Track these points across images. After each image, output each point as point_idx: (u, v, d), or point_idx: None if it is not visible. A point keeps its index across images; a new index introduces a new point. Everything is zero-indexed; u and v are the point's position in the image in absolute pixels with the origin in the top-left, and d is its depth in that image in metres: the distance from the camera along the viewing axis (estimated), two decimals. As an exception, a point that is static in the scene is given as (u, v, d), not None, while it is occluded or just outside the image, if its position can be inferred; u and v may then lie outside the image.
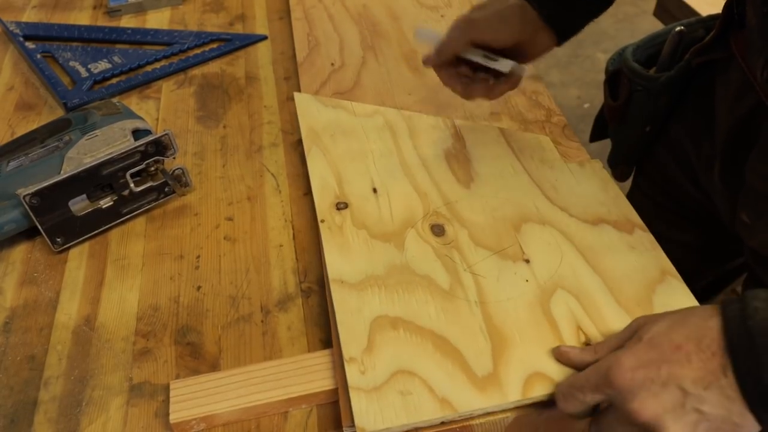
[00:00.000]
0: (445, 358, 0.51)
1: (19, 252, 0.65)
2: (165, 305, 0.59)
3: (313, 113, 0.75)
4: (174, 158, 0.67)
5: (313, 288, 0.60)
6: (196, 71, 0.85)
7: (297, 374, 0.52)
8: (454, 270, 0.57)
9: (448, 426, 0.49)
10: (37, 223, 0.61)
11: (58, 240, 0.63)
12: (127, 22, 0.95)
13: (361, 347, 0.52)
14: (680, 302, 0.54)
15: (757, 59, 0.58)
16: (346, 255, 0.59)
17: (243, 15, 0.95)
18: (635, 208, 0.63)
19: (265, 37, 0.90)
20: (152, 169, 0.66)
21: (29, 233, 0.65)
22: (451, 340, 0.52)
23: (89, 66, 0.85)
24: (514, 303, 0.55)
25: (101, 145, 0.66)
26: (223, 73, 0.85)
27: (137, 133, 0.68)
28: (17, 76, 0.86)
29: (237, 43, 0.89)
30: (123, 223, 0.67)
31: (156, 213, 0.68)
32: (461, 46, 0.64)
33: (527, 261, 0.58)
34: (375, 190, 0.65)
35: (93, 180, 0.63)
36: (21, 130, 0.76)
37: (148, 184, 0.66)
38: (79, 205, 0.63)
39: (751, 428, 0.42)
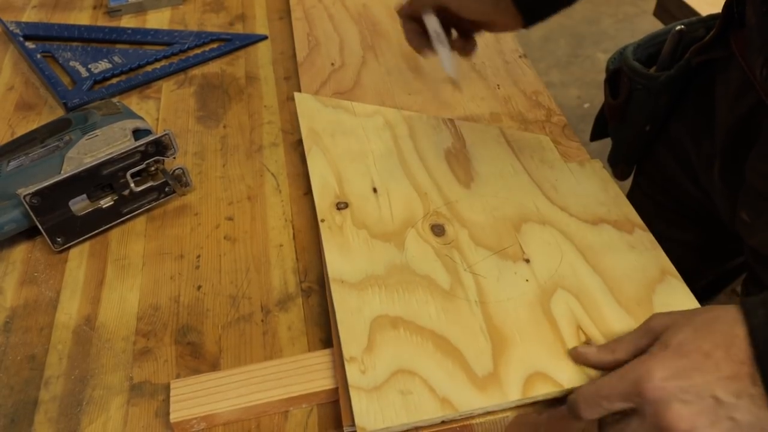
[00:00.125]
0: (445, 357, 0.51)
1: (20, 252, 0.65)
2: (165, 305, 0.59)
3: (313, 113, 0.75)
4: (174, 158, 0.67)
5: (314, 288, 0.60)
6: (197, 71, 0.85)
7: (297, 374, 0.52)
8: (455, 270, 0.57)
9: (448, 425, 0.49)
10: (37, 223, 0.61)
11: (59, 240, 0.63)
12: (127, 22, 0.95)
13: (362, 347, 0.52)
14: (680, 302, 0.54)
15: (756, 58, 0.58)
16: (346, 255, 0.59)
17: (243, 15, 0.95)
18: (635, 207, 0.63)
19: (265, 37, 0.90)
20: (152, 168, 0.66)
21: (29, 233, 0.65)
22: (452, 339, 0.52)
23: (89, 66, 0.85)
24: (515, 303, 0.55)
25: (101, 145, 0.66)
26: (223, 73, 0.85)
27: (137, 133, 0.68)
28: (17, 76, 0.86)
29: (237, 43, 0.89)
30: (123, 222, 0.67)
31: (156, 213, 0.68)
32: (426, 6, 0.67)
33: (527, 261, 0.58)
34: (375, 190, 0.65)
35: (93, 180, 0.63)
36: (21, 130, 0.76)
37: (149, 184, 0.66)
38: (80, 204, 0.63)
39: None
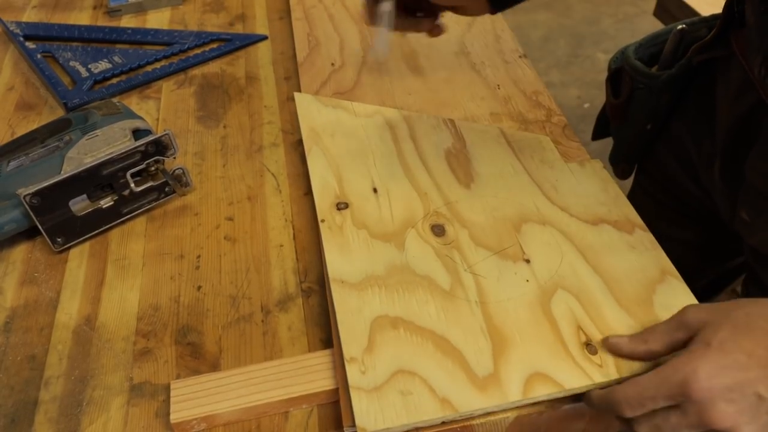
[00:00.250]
0: (445, 358, 0.51)
1: (20, 252, 0.65)
2: (165, 305, 0.59)
3: (314, 113, 0.75)
4: (174, 158, 0.67)
5: (314, 288, 0.60)
6: (197, 71, 0.85)
7: (297, 374, 0.52)
8: (455, 270, 0.57)
9: (448, 426, 0.49)
10: (37, 223, 0.61)
11: (59, 240, 0.63)
12: (127, 22, 0.95)
13: (362, 347, 0.52)
14: (681, 302, 0.54)
15: (755, 57, 0.58)
16: (346, 255, 0.59)
17: (243, 15, 0.95)
18: (636, 206, 0.63)
19: (265, 37, 0.90)
20: (152, 169, 0.66)
21: (29, 233, 0.65)
22: (452, 340, 0.52)
23: (89, 66, 0.85)
24: (515, 303, 0.55)
25: (102, 145, 0.66)
26: (223, 73, 0.85)
27: (137, 133, 0.68)
28: (17, 76, 0.86)
29: (237, 43, 0.89)
30: (123, 222, 0.67)
31: (156, 213, 0.68)
32: None
33: (527, 261, 0.58)
34: (375, 190, 0.65)
35: (93, 180, 0.63)
36: (21, 130, 0.76)
37: (149, 184, 0.66)
38: (80, 204, 0.63)
39: None
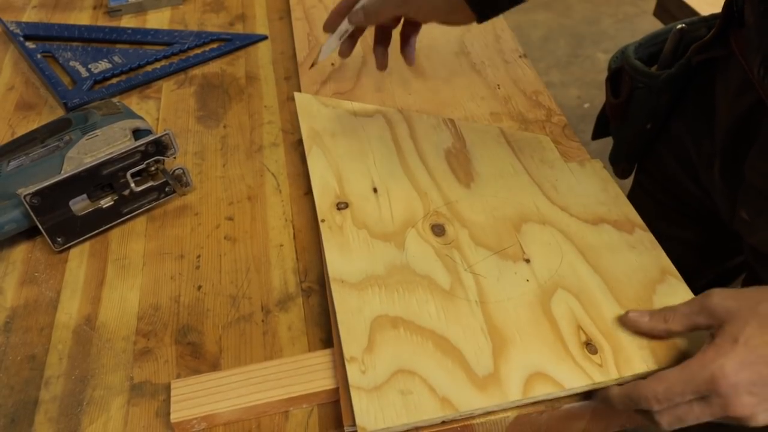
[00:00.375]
0: (445, 357, 0.51)
1: (20, 252, 0.65)
2: (166, 305, 0.59)
3: (314, 113, 0.75)
4: (174, 158, 0.67)
5: (314, 287, 0.60)
6: (197, 71, 0.85)
7: (298, 374, 0.52)
8: (455, 270, 0.57)
9: (448, 425, 0.49)
10: (37, 223, 0.61)
11: (59, 240, 0.63)
12: (127, 22, 0.95)
13: (362, 347, 0.52)
14: (680, 302, 0.54)
15: (754, 57, 0.58)
16: (346, 255, 0.59)
17: (243, 15, 0.95)
18: (636, 206, 0.63)
19: (265, 37, 0.90)
20: (153, 168, 0.66)
21: (29, 233, 0.65)
22: (452, 339, 0.52)
23: (89, 66, 0.85)
24: (515, 303, 0.55)
25: (102, 144, 0.66)
26: (223, 73, 0.85)
27: (137, 133, 0.68)
28: (17, 75, 0.86)
29: (237, 43, 0.89)
30: (123, 222, 0.67)
31: (156, 213, 0.68)
32: (374, 17, 0.69)
33: (527, 261, 0.58)
34: (375, 190, 0.65)
35: (93, 180, 0.63)
36: (21, 130, 0.76)
37: (149, 184, 0.66)
38: (80, 204, 0.63)
39: None
